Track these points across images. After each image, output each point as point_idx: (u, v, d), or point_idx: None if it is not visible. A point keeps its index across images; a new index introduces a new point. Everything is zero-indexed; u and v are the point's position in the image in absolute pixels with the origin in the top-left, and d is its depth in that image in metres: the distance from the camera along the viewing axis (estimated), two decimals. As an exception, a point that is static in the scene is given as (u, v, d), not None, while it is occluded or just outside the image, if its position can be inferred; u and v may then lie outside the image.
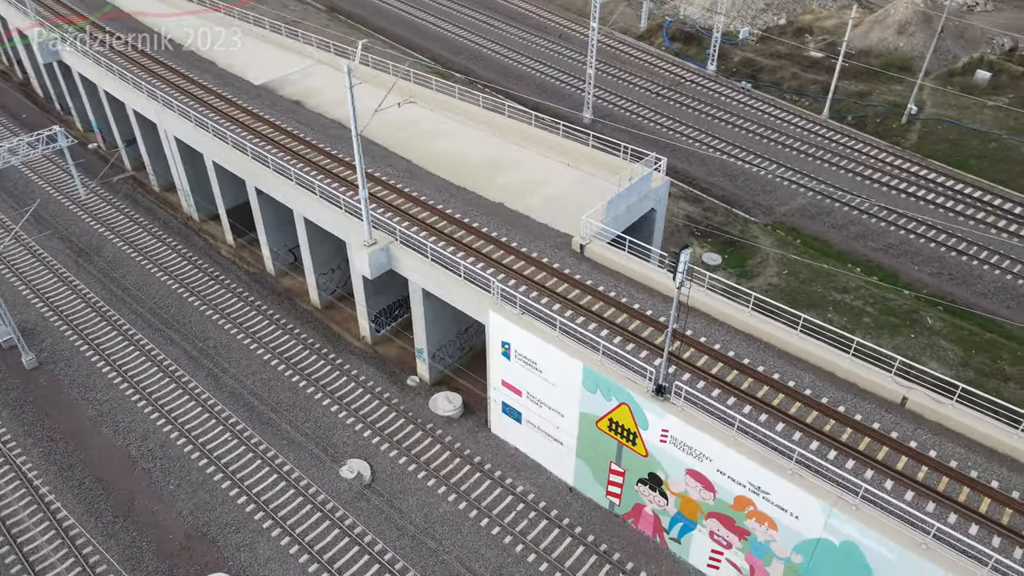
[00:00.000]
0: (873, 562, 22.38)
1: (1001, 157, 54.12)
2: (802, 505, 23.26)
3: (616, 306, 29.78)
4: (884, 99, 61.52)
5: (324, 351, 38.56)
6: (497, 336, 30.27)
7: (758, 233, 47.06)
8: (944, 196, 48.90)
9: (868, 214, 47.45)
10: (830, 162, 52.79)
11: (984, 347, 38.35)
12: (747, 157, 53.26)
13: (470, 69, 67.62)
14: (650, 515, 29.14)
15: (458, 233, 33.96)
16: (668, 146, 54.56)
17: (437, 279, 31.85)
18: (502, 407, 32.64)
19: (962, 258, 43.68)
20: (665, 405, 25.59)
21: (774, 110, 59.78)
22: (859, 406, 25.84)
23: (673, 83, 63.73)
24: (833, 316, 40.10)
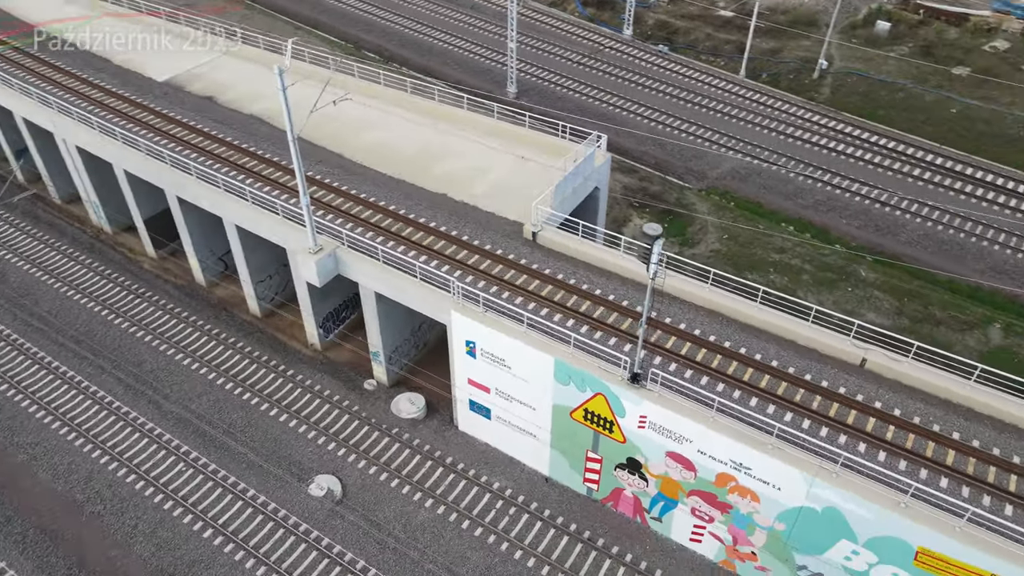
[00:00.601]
0: (855, 525, 23.27)
1: (907, 106, 56.64)
2: (784, 477, 23.88)
3: (578, 294, 29.50)
4: (795, 55, 63.16)
5: (272, 363, 36.83)
6: (461, 336, 29.53)
7: (694, 199, 47.71)
8: (862, 149, 50.81)
9: (795, 172, 48.81)
10: (753, 122, 53.88)
11: (914, 294, 40.35)
12: (674, 123, 53.69)
13: (383, 48, 65.20)
14: (630, 497, 29.42)
15: (406, 230, 32.75)
16: (597, 117, 54.35)
17: (391, 282, 30.70)
18: (469, 404, 32.06)
19: (885, 209, 45.63)
20: (642, 392, 25.63)
21: (693, 72, 60.39)
22: (824, 372, 26.62)
23: (593, 51, 63.33)
24: (775, 277, 41.26)
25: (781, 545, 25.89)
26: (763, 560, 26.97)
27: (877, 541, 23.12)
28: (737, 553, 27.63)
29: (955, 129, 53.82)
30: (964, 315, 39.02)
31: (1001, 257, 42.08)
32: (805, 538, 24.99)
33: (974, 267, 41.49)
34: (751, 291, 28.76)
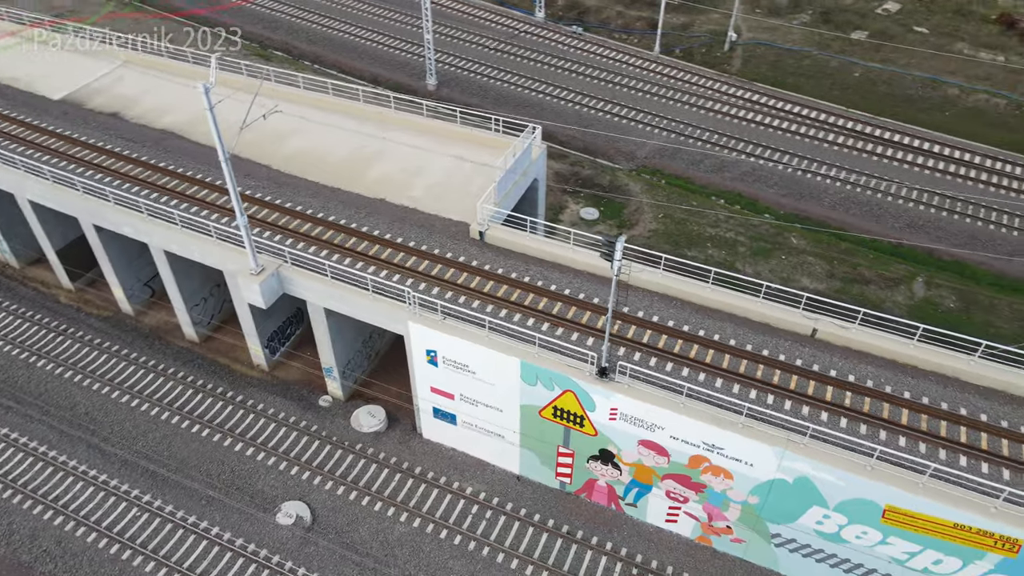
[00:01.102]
0: (825, 491, 24.28)
1: (814, 72, 58.89)
2: (755, 453, 24.63)
3: (536, 291, 29.37)
4: (705, 29, 64.52)
5: (218, 390, 35.22)
6: (420, 345, 28.97)
7: (626, 180, 48.25)
8: (778, 118, 52.52)
9: (719, 146, 50.01)
10: (673, 99, 54.80)
11: (842, 256, 42.22)
12: (597, 104, 54.01)
13: (291, 45, 62.72)
14: (604, 487, 29.77)
15: (349, 241, 31.74)
16: (521, 104, 54.17)
17: (342, 297, 29.73)
18: (433, 412, 31.61)
19: (807, 176, 47.41)
20: (611, 385, 25.83)
21: (609, 52, 60.83)
22: (779, 345, 27.52)
23: (508, 36, 62.82)
24: (713, 251, 42.32)
25: (755, 517, 26.80)
26: (738, 532, 27.87)
27: (846, 504, 24.22)
28: (712, 529, 28.45)
29: (859, 92, 56.37)
30: (889, 272, 41.13)
31: (916, 213, 44.48)
32: (778, 508, 25.94)
33: (893, 225, 43.74)
34: (702, 273, 29.34)
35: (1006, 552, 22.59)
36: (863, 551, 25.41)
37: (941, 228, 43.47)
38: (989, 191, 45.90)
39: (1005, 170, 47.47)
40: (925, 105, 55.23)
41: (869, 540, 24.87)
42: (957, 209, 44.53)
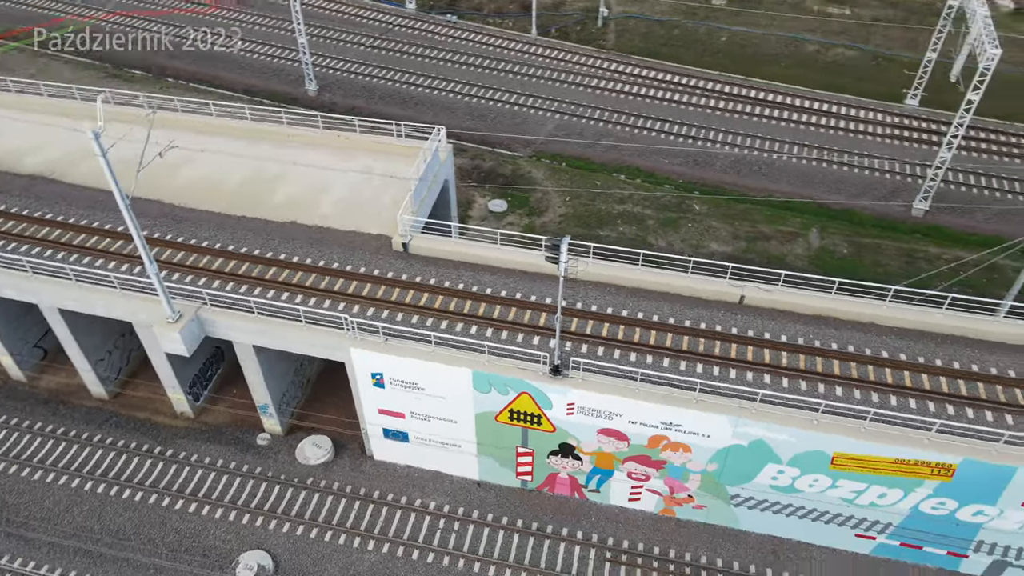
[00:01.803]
0: (778, 449, 25.73)
1: (685, 41, 61.19)
2: (712, 425, 25.71)
3: (473, 298, 29.12)
4: (577, 7, 65.45)
5: (143, 447, 32.86)
6: (365, 370, 28.14)
7: (528, 167, 48.51)
8: (660, 88, 54.22)
9: (611, 123, 51.12)
10: (557, 80, 55.40)
11: (742, 217, 44.43)
12: (486, 93, 53.80)
13: (151, 63, 58.35)
14: (566, 479, 30.22)
15: (269, 272, 30.20)
16: (408, 100, 53.23)
17: (273, 333, 28.32)
18: (384, 433, 30.90)
19: (697, 143, 49.37)
20: (565, 382, 26.12)
21: (488, 38, 60.60)
22: (714, 316, 28.70)
23: (382, 31, 61.24)
24: (624, 228, 43.43)
25: (714, 483, 28.05)
26: (699, 500, 29.10)
27: (798, 457, 25.78)
28: (675, 500, 29.55)
29: (729, 56, 59.12)
30: (786, 227, 43.72)
31: (800, 168, 47.35)
32: (735, 471, 27.25)
33: (784, 182, 46.39)
34: (631, 256, 30.06)
35: (941, 477, 24.81)
36: (815, 497, 27.19)
37: (824, 179, 46.52)
38: (859, 139, 49.48)
39: (871, 118, 51.31)
40: (790, 63, 58.66)
41: (820, 486, 26.63)
42: (834, 159, 47.77)
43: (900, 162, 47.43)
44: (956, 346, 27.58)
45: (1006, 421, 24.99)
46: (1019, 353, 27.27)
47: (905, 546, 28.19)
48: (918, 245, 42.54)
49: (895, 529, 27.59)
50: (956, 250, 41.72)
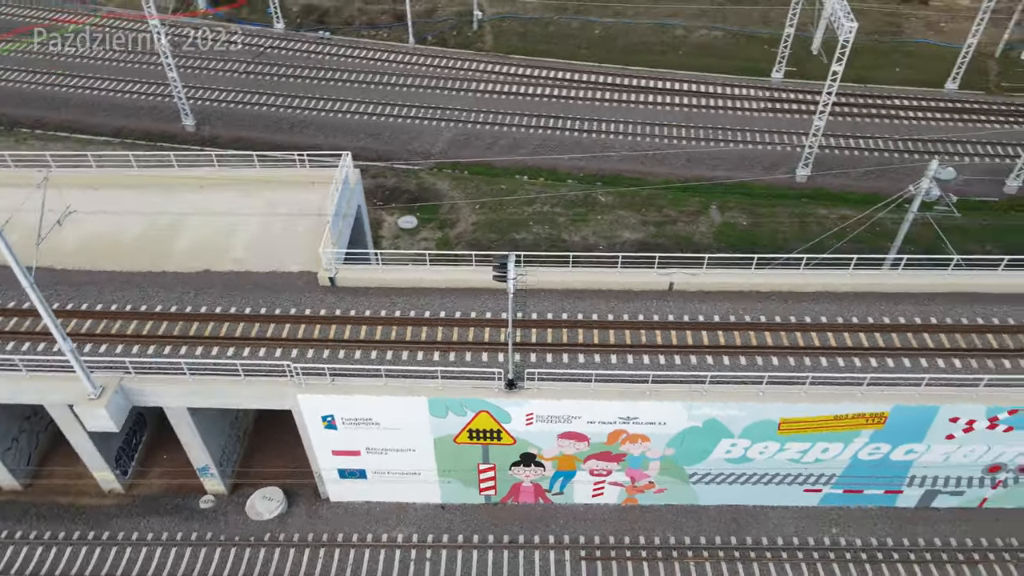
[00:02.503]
0: (730, 424, 27.07)
1: (560, 36, 62.56)
2: (667, 412, 26.68)
3: (414, 323, 28.72)
4: (450, 12, 65.39)
5: (72, 535, 30.32)
6: (314, 414, 27.21)
7: (432, 180, 48.20)
8: (543, 86, 55.24)
9: (504, 125, 51.61)
10: (444, 88, 55.32)
11: (646, 203, 46.10)
12: (375, 109, 52.98)
13: (3, 113, 53.41)
14: (529, 487, 30.49)
15: (193, 327, 28.55)
16: (295, 125, 51.68)
17: (209, 392, 26.82)
18: (339, 473, 30.02)
19: (592, 135, 50.70)
20: (522, 394, 26.32)
21: (366, 52, 59.63)
22: (648, 306, 29.68)
23: (254, 55, 58.87)
24: (538, 229, 44.06)
25: (673, 466, 29.15)
26: (659, 484, 30.16)
27: (749, 429, 27.23)
28: (636, 488, 30.47)
29: (604, 47, 60.98)
30: (688, 207, 45.78)
31: (689, 149, 49.58)
32: (692, 451, 28.43)
33: (677, 164, 48.45)
34: (561, 259, 30.60)
35: (875, 425, 26.92)
36: (766, 463, 28.83)
37: (713, 157, 48.98)
38: (738, 116, 52.43)
39: (744, 94, 54.47)
40: (661, 49, 61.24)
41: (770, 452, 28.26)
42: (719, 137, 50.40)
43: (778, 133, 50.68)
44: (867, 302, 29.90)
45: (921, 365, 27.37)
46: (921, 302, 29.90)
47: (848, 492, 30.42)
48: (807, 208, 45.68)
49: (838, 479, 29.71)
50: (841, 209, 45.11)
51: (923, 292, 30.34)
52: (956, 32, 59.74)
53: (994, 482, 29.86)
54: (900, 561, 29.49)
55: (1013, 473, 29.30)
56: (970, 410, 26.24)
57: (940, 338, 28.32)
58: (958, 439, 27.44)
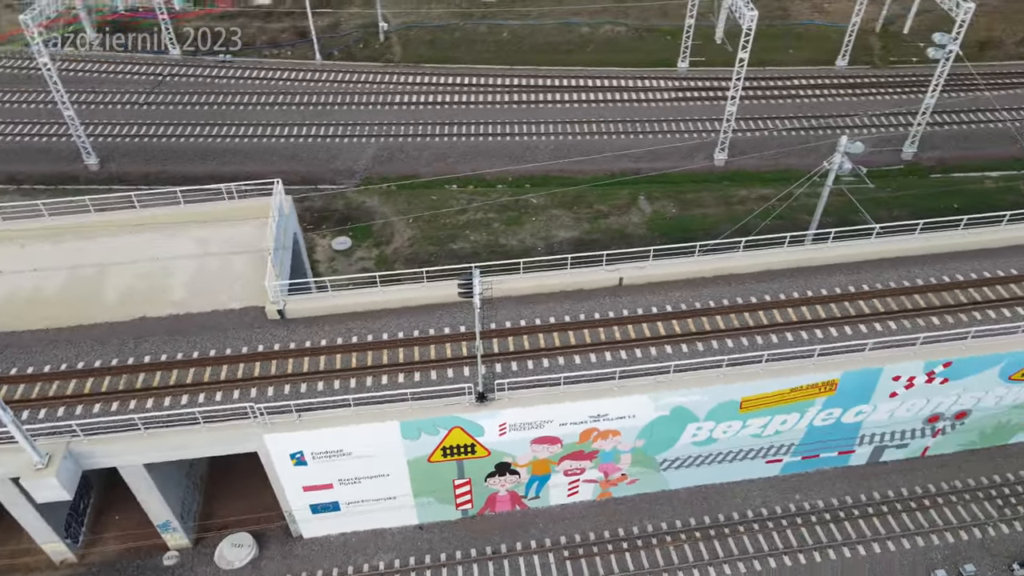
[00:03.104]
0: (695, 409, 27.98)
1: (468, 42, 62.71)
2: (635, 406, 27.32)
3: (374, 348, 28.28)
4: (354, 24, 64.38)
5: (28, 615, 28.36)
6: (282, 452, 26.40)
7: (360, 198, 47.40)
8: (460, 92, 55.25)
9: (427, 135, 51.31)
10: (359, 103, 54.50)
11: (577, 201, 46.82)
12: (290, 131, 51.63)
13: None
14: (505, 495, 30.57)
15: (139, 380, 27.14)
16: (208, 154, 49.73)
17: (167, 444, 25.57)
18: (311, 509, 29.23)
19: (516, 138, 51.09)
20: (493, 405, 26.37)
21: (271, 72, 58.04)
22: (598, 303, 30.27)
23: (153, 84, 56.21)
24: (475, 237, 44.06)
25: (644, 456, 29.88)
26: (631, 475, 30.84)
27: (713, 411, 28.21)
28: (610, 482, 31.06)
29: (513, 50, 61.48)
30: (618, 201, 46.84)
31: (612, 142, 50.68)
32: (661, 440, 29.21)
33: (598, 160, 49.39)
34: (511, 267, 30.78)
35: (828, 392, 28.42)
36: (730, 441, 29.97)
37: (635, 149, 50.18)
38: (652, 107, 53.99)
39: (655, 86, 56.13)
40: (568, 47, 62.29)
41: (733, 430, 29.38)
42: (637, 129, 51.76)
43: (692, 121, 52.49)
44: (804, 276, 31.52)
45: (861, 331, 29.07)
46: (852, 271, 31.72)
47: (806, 458, 32.00)
48: (728, 191, 47.58)
49: (796, 447, 31.21)
50: (759, 189, 47.24)
51: (852, 261, 32.23)
52: (839, 12, 63.48)
53: (933, 431, 32.06)
54: (860, 517, 31.26)
55: (950, 421, 31.55)
56: (910, 367, 28.08)
57: (875, 303, 30.15)
58: (901, 396, 29.32)
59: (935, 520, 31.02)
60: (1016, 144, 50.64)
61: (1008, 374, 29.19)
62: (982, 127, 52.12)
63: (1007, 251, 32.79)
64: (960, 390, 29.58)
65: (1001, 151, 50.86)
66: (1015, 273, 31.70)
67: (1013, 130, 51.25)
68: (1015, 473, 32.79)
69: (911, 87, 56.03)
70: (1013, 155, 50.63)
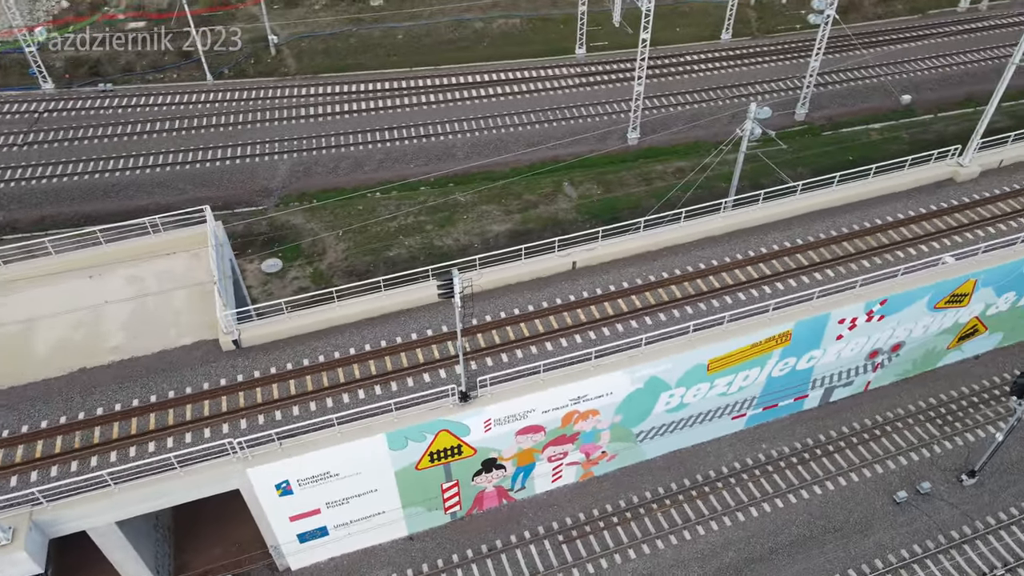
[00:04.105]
0: (667, 377, 28.96)
1: (365, 47, 61.51)
2: (612, 383, 27.98)
3: (343, 363, 27.58)
4: (241, 39, 61.84)
5: None
6: (267, 484, 25.34)
7: (283, 216, 45.78)
8: (364, 99, 54.26)
9: (340, 145, 50.10)
10: (263, 120, 52.44)
11: (503, 194, 47.11)
12: (195, 156, 49.09)
13: None
14: (492, 491, 30.58)
15: (95, 434, 25.33)
16: (110, 191, 46.68)
17: (142, 496, 24.02)
18: (299, 539, 28.21)
19: (432, 139, 50.75)
20: (477, 403, 26.33)
21: (161, 97, 54.93)
22: (559, 288, 30.78)
23: (28, 124, 51.99)
24: (409, 241, 43.54)
25: (622, 431, 30.64)
26: (611, 451, 31.57)
27: (683, 377, 29.29)
28: (591, 462, 31.66)
29: (411, 51, 60.93)
30: (544, 189, 47.46)
31: (526, 134, 51.23)
32: (637, 412, 30.04)
33: (517, 150, 49.86)
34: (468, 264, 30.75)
35: (783, 343, 30.10)
36: (699, 404, 31.21)
37: (550, 137, 50.94)
38: (559, 95, 54.92)
39: (558, 73, 57.14)
40: (466, 44, 62.34)
41: (702, 392, 30.61)
42: (549, 118, 52.55)
43: (598, 104, 53.81)
44: (742, 238, 33.17)
45: (805, 282, 30.96)
46: (784, 227, 33.66)
47: (766, 409, 33.75)
48: (646, 167, 49.20)
49: (757, 400, 32.86)
50: (674, 162, 49.17)
51: (783, 219, 34.21)
52: (716, -12, 66.71)
53: (874, 366, 34.57)
54: (822, 456, 33.35)
55: (888, 354, 34.10)
56: (853, 309, 30.15)
57: (811, 255, 32.16)
58: (846, 337, 31.43)
59: (888, 447, 33.52)
60: (891, 97, 55.05)
61: (934, 303, 31.84)
62: (861, 83, 56.26)
63: (915, 192, 35.76)
64: (895, 324, 32.02)
65: (880, 105, 55.14)
66: (924, 212, 34.62)
67: (888, 84, 55.62)
68: (946, 393, 35.86)
69: (791, 53, 59.72)
70: (890, 107, 55.04)
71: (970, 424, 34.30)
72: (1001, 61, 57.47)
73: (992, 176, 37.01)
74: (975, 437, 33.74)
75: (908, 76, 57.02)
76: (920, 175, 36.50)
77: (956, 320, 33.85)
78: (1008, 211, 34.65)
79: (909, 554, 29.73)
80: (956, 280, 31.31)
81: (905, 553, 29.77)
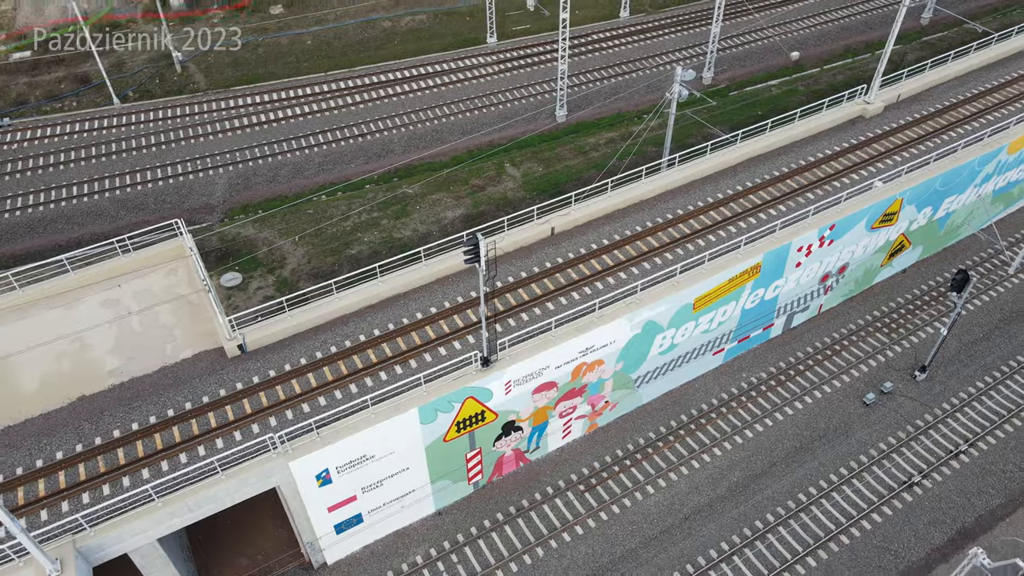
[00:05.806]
0: (660, 319, 30.96)
1: (274, 56, 60.56)
2: (615, 330, 29.69)
3: (358, 350, 27.91)
4: (139, 60, 59.46)
5: None
6: (307, 476, 25.43)
7: (233, 231, 44.75)
8: (286, 107, 53.65)
9: (275, 154, 49.38)
10: (186, 138, 50.82)
11: (450, 182, 47.92)
12: (124, 182, 47.03)
13: None
14: (511, 455, 31.67)
15: (119, 455, 24.60)
16: (37, 226, 44.18)
17: (190, 506, 23.63)
18: (335, 530, 28.32)
19: (366, 137, 50.84)
20: (498, 365, 27.37)
21: (68, 126, 52.15)
22: (546, 252, 32.28)
23: (-74, 167, 48.13)
24: (370, 238, 43.67)
25: (622, 378, 32.45)
26: (613, 399, 33.33)
27: (673, 317, 31.40)
28: (596, 413, 33.30)
29: (322, 55, 60.52)
30: (488, 173, 48.66)
31: (457, 122, 52.20)
32: (635, 357, 31.93)
33: (453, 138, 50.81)
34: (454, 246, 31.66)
35: (754, 276, 32.81)
36: (686, 343, 33.47)
37: (479, 124, 52.17)
38: (481, 83, 56.22)
39: (477, 63, 58.40)
40: (377, 43, 62.54)
41: (689, 331, 32.88)
42: (474, 106, 53.71)
43: (521, 88, 55.49)
44: (699, 187, 35.82)
45: (763, 219, 33.85)
46: (733, 173, 36.55)
47: (740, 341, 36.54)
48: (580, 141, 51.36)
49: (733, 333, 35.54)
50: (605, 133, 51.61)
51: (729, 167, 37.10)
52: (606, -30, 69.90)
53: (825, 289, 38.08)
54: (796, 375, 36.50)
55: (836, 276, 37.67)
56: (809, 237, 33.25)
57: (762, 195, 35.17)
58: (803, 263, 34.59)
59: (849, 359, 37.10)
60: (782, 55, 59.87)
61: (870, 223, 35.54)
62: (755, 45, 60.77)
63: (833, 131, 39.68)
64: (841, 247, 35.50)
65: (773, 63, 59.83)
66: (846, 146, 38.46)
67: (779, 44, 60.42)
68: (886, 305, 39.98)
69: (687, 24, 63.66)
70: (782, 64, 59.83)
71: (911, 328, 38.46)
72: (871, 14, 63.65)
73: (894, 109, 41.48)
74: (918, 339, 37.89)
75: (794, 35, 62.11)
76: (835, 115, 40.43)
77: (888, 238, 37.82)
78: (915, 136, 39.06)
79: (886, 446, 33.23)
80: (887, 201, 35.08)
81: (883, 445, 33.25)
